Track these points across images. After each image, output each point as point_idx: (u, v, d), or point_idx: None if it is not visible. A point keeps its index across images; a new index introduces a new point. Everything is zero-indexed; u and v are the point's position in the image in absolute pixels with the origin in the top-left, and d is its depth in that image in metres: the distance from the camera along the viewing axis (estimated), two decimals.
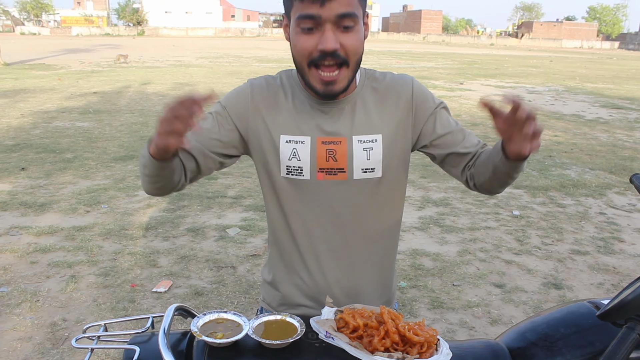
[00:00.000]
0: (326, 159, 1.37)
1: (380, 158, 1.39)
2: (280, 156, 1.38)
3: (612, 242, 4.54)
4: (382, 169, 1.40)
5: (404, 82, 1.43)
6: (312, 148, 1.37)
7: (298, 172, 1.38)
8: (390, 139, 1.40)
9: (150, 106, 11.11)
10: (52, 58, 24.67)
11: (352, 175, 1.38)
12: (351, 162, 1.37)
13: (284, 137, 1.38)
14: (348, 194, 1.40)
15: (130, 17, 79.94)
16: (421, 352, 1.20)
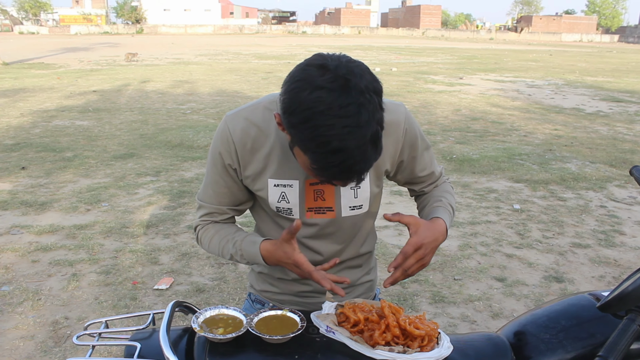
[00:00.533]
0: (314, 199, 1.37)
1: (367, 195, 1.40)
2: (269, 198, 1.38)
3: (612, 235, 4.54)
4: (369, 204, 1.43)
5: (397, 115, 1.37)
6: (301, 191, 1.36)
7: (287, 213, 1.39)
8: (378, 177, 1.41)
9: (149, 104, 11.11)
10: (51, 57, 24.66)
11: (340, 213, 1.40)
12: (339, 201, 1.38)
13: (272, 180, 1.36)
14: (336, 229, 1.43)
15: (128, 15, 79.85)
16: (422, 346, 1.20)
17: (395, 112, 1.36)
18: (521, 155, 7.19)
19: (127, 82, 14.76)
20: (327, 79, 1.05)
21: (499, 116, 10.36)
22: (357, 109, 1.04)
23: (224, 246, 1.40)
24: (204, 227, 1.46)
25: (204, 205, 1.44)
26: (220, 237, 1.41)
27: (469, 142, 8.00)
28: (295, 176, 1.35)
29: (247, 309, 1.61)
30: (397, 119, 1.36)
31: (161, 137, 7.96)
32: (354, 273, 1.55)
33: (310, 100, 1.04)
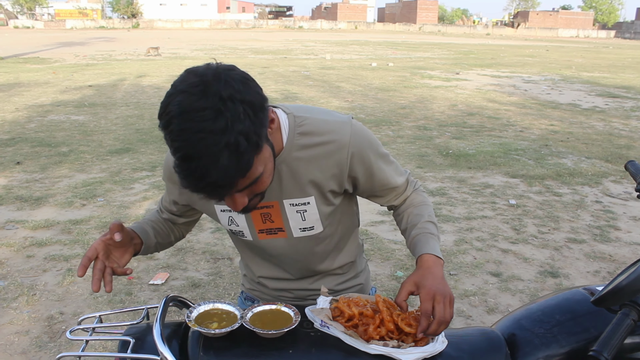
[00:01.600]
0: (263, 221, 1.35)
1: (317, 217, 1.35)
2: (220, 222, 1.40)
3: (608, 230, 4.55)
4: (322, 225, 1.38)
5: (340, 135, 1.28)
6: (247, 214, 1.34)
7: (240, 234, 1.40)
8: (325, 198, 1.34)
9: (145, 99, 11.07)
10: (46, 51, 24.55)
11: (291, 234, 1.37)
12: (287, 223, 1.36)
13: (218, 206, 1.36)
14: (293, 248, 1.40)
15: (124, 10, 79.54)
16: (416, 340, 1.20)
17: (338, 131, 1.28)
18: (517, 150, 7.20)
19: (123, 77, 14.71)
20: (190, 83, 1.01)
21: (495, 111, 10.36)
22: (213, 115, 0.98)
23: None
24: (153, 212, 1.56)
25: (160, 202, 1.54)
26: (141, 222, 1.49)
27: (465, 137, 8.00)
28: None
29: (240, 305, 1.62)
30: (340, 139, 1.28)
31: (157, 132, 7.89)
32: (334, 279, 1.53)
33: (171, 104, 1.01)
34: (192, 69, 1.06)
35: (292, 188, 1.30)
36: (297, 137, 1.27)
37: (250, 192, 1.14)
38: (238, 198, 1.12)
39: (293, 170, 1.28)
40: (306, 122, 1.29)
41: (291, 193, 1.31)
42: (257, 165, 1.08)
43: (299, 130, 1.27)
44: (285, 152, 1.27)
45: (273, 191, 1.29)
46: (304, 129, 1.28)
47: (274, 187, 1.28)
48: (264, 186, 1.15)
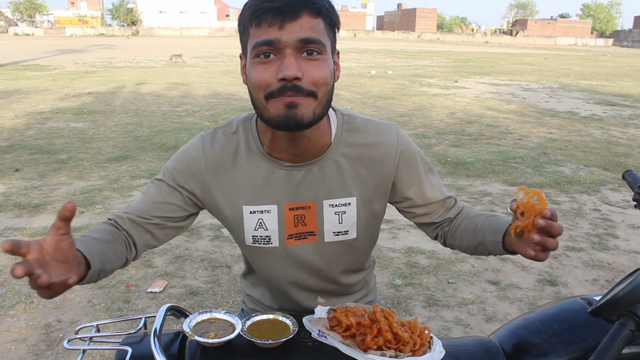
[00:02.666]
0: (295, 224, 1.28)
1: (354, 221, 1.30)
2: (244, 227, 1.29)
3: (606, 239, 4.55)
4: (356, 230, 1.32)
5: (389, 138, 1.28)
6: (280, 216, 1.27)
7: (266, 241, 1.30)
8: (366, 200, 1.30)
9: (144, 106, 11.09)
10: (45, 59, 24.60)
11: (322, 238, 1.31)
12: (322, 226, 1.29)
13: (247, 207, 1.26)
14: (319, 254, 1.33)
15: (124, 17, 79.79)
16: (414, 350, 1.20)
17: (386, 133, 1.29)
18: (515, 158, 7.21)
19: (122, 84, 14.73)
20: None
21: (493, 119, 10.39)
22: None
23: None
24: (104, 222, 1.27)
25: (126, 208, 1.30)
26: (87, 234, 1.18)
27: (464, 145, 8.01)
28: (273, 200, 1.26)
29: None
30: (388, 140, 1.28)
31: (156, 139, 7.95)
32: (348, 299, 1.48)
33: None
34: None
35: (336, 186, 1.27)
36: (345, 134, 1.26)
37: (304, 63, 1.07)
38: (291, 58, 1.06)
39: (339, 167, 1.26)
40: (354, 120, 1.28)
41: (333, 192, 1.27)
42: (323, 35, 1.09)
43: (347, 127, 1.27)
44: (333, 147, 1.25)
45: (313, 191, 1.26)
46: (352, 127, 1.27)
47: (314, 187, 1.26)
48: (319, 69, 1.09)
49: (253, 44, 1.08)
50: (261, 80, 1.08)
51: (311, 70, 1.07)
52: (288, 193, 1.26)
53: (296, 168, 1.24)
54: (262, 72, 1.07)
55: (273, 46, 1.06)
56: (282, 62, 1.06)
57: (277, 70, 1.06)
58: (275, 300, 1.45)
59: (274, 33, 1.05)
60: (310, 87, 1.07)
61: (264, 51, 1.07)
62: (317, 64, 1.08)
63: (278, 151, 1.23)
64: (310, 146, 1.22)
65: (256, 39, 1.07)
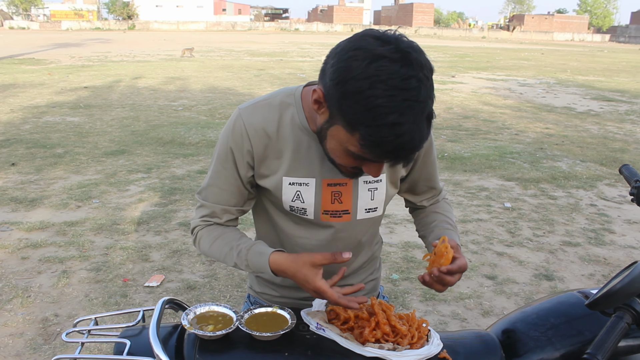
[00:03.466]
0: (331, 201, 1.31)
1: (383, 197, 1.37)
2: (282, 197, 1.31)
3: (602, 234, 4.57)
4: (383, 207, 1.39)
5: None
6: (317, 191, 1.30)
7: (301, 212, 1.33)
8: (393, 177, 1.38)
9: (141, 100, 11.06)
10: (41, 52, 24.49)
11: (355, 216, 1.35)
12: (356, 204, 1.33)
13: (286, 179, 1.29)
14: (349, 232, 1.38)
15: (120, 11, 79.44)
16: (412, 343, 1.20)
17: None
18: (512, 153, 7.23)
19: (119, 79, 14.69)
20: (388, 49, 0.99)
21: (490, 114, 10.40)
22: (417, 84, 1.00)
23: (227, 253, 1.32)
24: (204, 228, 1.37)
25: (206, 205, 1.36)
26: (223, 242, 1.33)
27: (461, 140, 8.02)
28: (312, 174, 1.29)
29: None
30: None
31: (152, 133, 7.93)
32: (359, 275, 1.52)
33: (370, 68, 0.98)
34: (376, 34, 1.04)
35: None
36: None
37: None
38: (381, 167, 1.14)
39: None
40: None
41: None
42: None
43: None
44: None
45: None
46: None
47: None
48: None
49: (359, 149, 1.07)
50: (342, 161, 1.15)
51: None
52: (327, 168, 1.27)
53: None
54: (344, 159, 1.14)
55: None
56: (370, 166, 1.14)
57: (360, 165, 1.14)
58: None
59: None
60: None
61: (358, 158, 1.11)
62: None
63: None
64: None
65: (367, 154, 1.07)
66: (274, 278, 1.47)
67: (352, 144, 1.07)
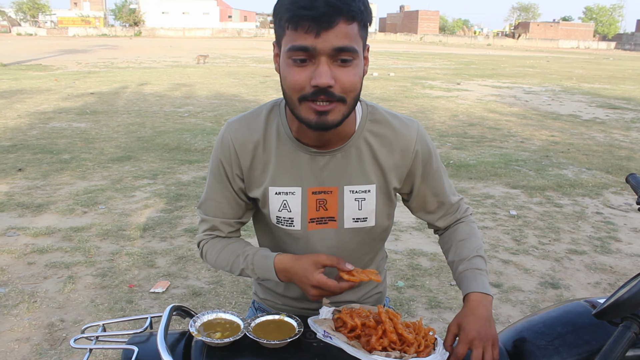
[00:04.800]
0: (317, 208, 1.34)
1: (373, 208, 1.35)
2: (269, 207, 1.34)
3: (608, 242, 4.55)
4: (375, 218, 1.37)
5: (409, 132, 1.34)
6: (303, 199, 1.32)
7: (289, 223, 1.35)
8: (385, 188, 1.36)
9: (147, 107, 11.10)
10: (48, 59, 24.64)
11: (342, 224, 1.36)
12: (342, 212, 1.34)
13: (272, 188, 1.32)
14: (338, 240, 1.38)
15: (127, 18, 79.85)
16: (419, 351, 1.20)
17: (407, 127, 1.35)
18: (518, 161, 7.21)
19: (125, 85, 14.76)
20: None
21: (496, 122, 10.39)
22: None
23: (233, 261, 1.35)
24: (208, 242, 1.41)
25: (207, 219, 1.40)
26: (229, 252, 1.37)
27: (466, 147, 8.02)
28: (297, 183, 1.32)
29: (250, 316, 1.60)
30: (407, 134, 1.34)
31: (158, 140, 7.96)
32: (361, 290, 1.52)
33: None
34: None
35: (357, 173, 1.32)
36: (368, 123, 1.33)
37: (337, 70, 1.12)
38: (325, 66, 1.10)
39: (360, 154, 1.32)
40: (377, 112, 1.35)
41: (354, 179, 1.33)
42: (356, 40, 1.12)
43: (370, 118, 1.33)
44: (356, 135, 1.31)
45: (335, 176, 1.32)
46: (375, 117, 1.34)
47: (337, 172, 1.31)
48: (350, 76, 1.13)
49: (289, 46, 1.12)
50: (295, 84, 1.13)
51: (343, 77, 1.12)
52: (312, 177, 1.31)
53: (320, 154, 1.30)
54: (297, 75, 1.12)
55: (308, 52, 1.10)
56: (317, 70, 1.10)
57: (310, 75, 1.11)
58: (288, 285, 1.47)
59: (310, 40, 1.08)
60: (340, 93, 1.13)
61: (299, 57, 1.11)
62: (349, 71, 1.13)
63: (305, 137, 1.29)
64: (336, 135, 1.28)
65: (292, 42, 1.11)
66: (277, 287, 1.49)
67: (286, 42, 1.12)
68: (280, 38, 1.16)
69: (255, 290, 1.60)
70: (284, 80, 1.17)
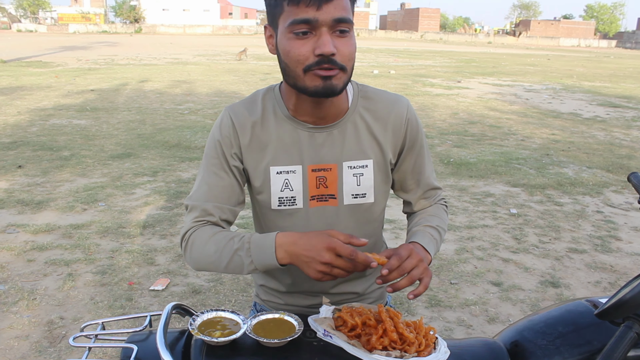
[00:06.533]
0: (317, 186, 1.35)
1: (371, 183, 1.38)
2: (271, 188, 1.35)
3: (609, 241, 4.55)
4: (373, 194, 1.39)
5: (399, 106, 1.38)
6: (304, 177, 1.34)
7: (291, 202, 1.36)
8: (381, 163, 1.38)
9: (147, 104, 11.09)
10: (49, 55, 24.62)
11: (342, 201, 1.37)
12: (341, 189, 1.36)
13: (274, 168, 1.33)
14: (339, 218, 1.39)
15: (127, 15, 79.73)
16: (419, 351, 1.20)
17: (397, 102, 1.39)
18: (518, 159, 7.21)
19: (125, 82, 14.74)
20: None
21: (496, 120, 10.38)
22: None
23: (225, 245, 1.25)
24: (198, 229, 1.31)
25: (197, 206, 1.33)
26: (222, 236, 1.28)
27: (467, 145, 8.01)
28: (297, 161, 1.33)
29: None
30: (399, 108, 1.38)
31: (159, 137, 7.95)
32: (362, 283, 1.51)
33: None
34: None
35: (354, 148, 1.35)
36: (361, 100, 1.37)
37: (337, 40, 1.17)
38: (327, 36, 1.16)
39: (357, 129, 1.35)
40: (368, 89, 1.40)
41: (352, 154, 1.35)
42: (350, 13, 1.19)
43: (362, 95, 1.38)
44: (350, 111, 1.35)
45: (334, 153, 1.34)
46: (366, 94, 1.38)
47: (335, 149, 1.34)
48: (348, 45, 1.19)
49: (290, 20, 1.16)
50: (300, 55, 1.18)
51: (343, 47, 1.19)
52: (311, 154, 1.34)
53: (318, 130, 1.33)
54: (300, 47, 1.18)
55: (310, 24, 1.15)
56: (319, 40, 1.16)
57: (313, 46, 1.17)
58: (291, 277, 1.45)
59: (312, 13, 1.14)
60: (342, 62, 1.19)
61: (302, 30, 1.16)
62: (347, 41, 1.20)
63: (302, 114, 1.32)
64: (332, 109, 1.32)
65: (294, 16, 1.16)
66: (281, 285, 1.48)
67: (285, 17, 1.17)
68: (276, 17, 1.21)
69: (257, 292, 1.59)
70: (286, 55, 1.20)
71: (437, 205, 1.51)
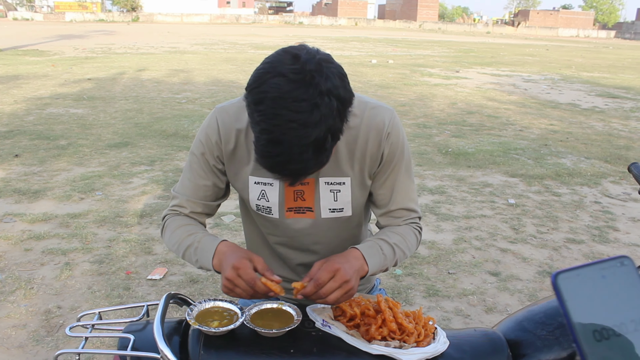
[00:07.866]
0: (294, 199, 1.36)
1: (349, 199, 1.36)
2: (249, 195, 1.37)
3: (607, 231, 4.55)
4: (351, 209, 1.38)
5: (381, 120, 1.31)
6: (281, 190, 1.35)
7: (267, 211, 1.38)
8: (359, 180, 1.36)
9: (145, 93, 11.04)
10: (45, 44, 24.47)
11: (319, 214, 1.37)
12: (318, 203, 1.36)
13: (252, 178, 1.35)
14: (317, 229, 1.40)
15: (124, 3, 79.26)
16: (418, 341, 1.19)
17: (380, 115, 1.32)
18: (516, 149, 7.20)
19: (123, 71, 14.67)
20: (292, 69, 1.03)
21: (494, 110, 10.36)
22: (310, 108, 1.01)
23: (185, 237, 1.34)
24: (173, 216, 1.43)
25: (177, 196, 1.43)
26: (187, 230, 1.37)
27: (465, 135, 8.00)
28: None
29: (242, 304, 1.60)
30: (381, 120, 1.31)
31: (156, 126, 7.92)
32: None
33: (268, 84, 1.03)
34: (290, 50, 1.07)
35: (331, 167, 1.31)
36: None
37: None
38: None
39: (336, 148, 1.30)
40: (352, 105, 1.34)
41: (329, 171, 1.32)
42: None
43: None
44: None
45: None
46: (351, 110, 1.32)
47: None
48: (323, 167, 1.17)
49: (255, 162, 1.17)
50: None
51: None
52: None
53: None
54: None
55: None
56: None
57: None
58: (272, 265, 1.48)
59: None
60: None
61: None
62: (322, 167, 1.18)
63: None
64: None
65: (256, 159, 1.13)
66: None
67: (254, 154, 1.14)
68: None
69: None
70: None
71: (406, 226, 1.41)
